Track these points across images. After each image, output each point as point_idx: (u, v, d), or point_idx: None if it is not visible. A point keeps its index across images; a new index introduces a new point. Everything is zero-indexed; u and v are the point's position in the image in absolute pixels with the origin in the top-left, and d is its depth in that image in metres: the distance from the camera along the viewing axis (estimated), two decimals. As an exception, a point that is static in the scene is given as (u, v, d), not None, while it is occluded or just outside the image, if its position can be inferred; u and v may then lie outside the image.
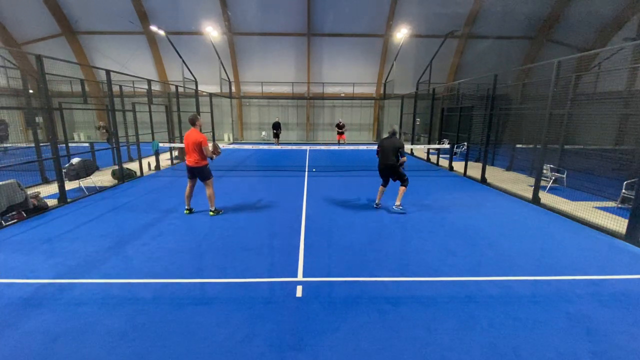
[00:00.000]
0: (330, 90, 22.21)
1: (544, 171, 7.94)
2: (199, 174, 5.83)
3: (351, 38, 20.07)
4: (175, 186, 8.51)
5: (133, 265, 4.03)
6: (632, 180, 6.42)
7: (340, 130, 18.00)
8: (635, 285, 3.66)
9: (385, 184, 6.44)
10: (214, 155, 5.88)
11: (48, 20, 18.51)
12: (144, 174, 10.04)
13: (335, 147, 13.77)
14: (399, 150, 6.08)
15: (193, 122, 5.68)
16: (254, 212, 6.23)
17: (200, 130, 5.76)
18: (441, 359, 2.55)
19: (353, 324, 2.95)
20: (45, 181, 8.34)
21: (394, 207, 6.24)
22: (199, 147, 5.62)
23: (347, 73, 21.50)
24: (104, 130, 13.89)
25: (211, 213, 6.02)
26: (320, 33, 19.85)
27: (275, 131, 18.45)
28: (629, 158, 8.22)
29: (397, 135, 6.24)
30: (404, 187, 6.19)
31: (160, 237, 4.96)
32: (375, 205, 6.51)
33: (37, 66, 6.05)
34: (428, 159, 13.59)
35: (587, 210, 6.23)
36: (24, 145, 10.68)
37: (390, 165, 6.13)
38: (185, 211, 6.09)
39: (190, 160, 5.72)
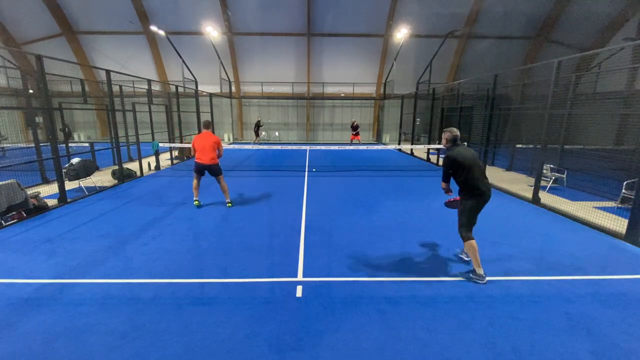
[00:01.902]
0: (330, 90, 22.21)
1: (544, 171, 7.93)
2: (213, 170, 6.34)
3: (351, 38, 20.07)
4: (175, 186, 8.50)
5: (133, 265, 4.03)
6: (632, 180, 6.42)
7: (355, 132, 18.33)
8: (635, 285, 3.66)
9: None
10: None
11: (48, 20, 18.51)
12: (144, 174, 10.04)
13: (336, 148, 13.79)
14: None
15: (208, 125, 6.38)
16: (253, 212, 6.22)
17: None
18: (441, 359, 2.55)
19: (353, 324, 2.95)
20: (45, 181, 8.34)
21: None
22: (217, 147, 6.27)
23: (347, 73, 21.49)
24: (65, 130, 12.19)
25: (229, 204, 6.51)
26: (320, 33, 19.85)
27: (256, 129, 19.11)
28: (629, 158, 8.22)
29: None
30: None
31: (160, 237, 4.96)
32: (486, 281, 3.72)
33: (37, 66, 6.05)
34: (428, 159, 13.59)
35: (587, 210, 6.23)
36: (24, 145, 10.68)
37: (490, 193, 3.74)
38: (194, 202, 6.54)
39: (206, 158, 6.20)
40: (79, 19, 18.96)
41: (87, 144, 16.46)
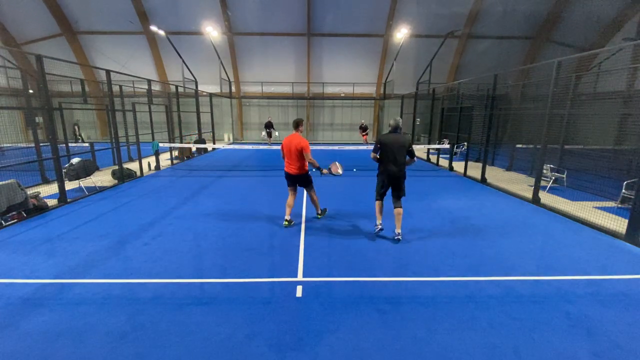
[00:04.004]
0: (330, 90, 22.20)
1: (544, 171, 7.93)
2: (300, 181, 5.38)
3: (351, 38, 20.06)
4: (175, 186, 8.51)
5: (133, 265, 4.03)
6: (632, 180, 6.42)
7: (364, 132, 19.48)
8: (635, 285, 3.66)
9: (382, 197, 4.95)
10: (323, 171, 5.30)
11: (48, 20, 18.50)
12: (144, 174, 10.04)
13: (335, 148, 13.79)
14: (408, 151, 4.64)
15: (296, 125, 5.21)
16: (254, 212, 6.22)
17: (302, 134, 5.20)
18: (441, 359, 2.55)
19: (353, 324, 2.95)
20: (45, 181, 8.34)
21: (397, 237, 4.80)
22: (301, 154, 5.07)
23: (347, 73, 21.49)
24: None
25: (318, 216, 5.81)
26: (320, 33, 19.84)
27: (268, 130, 18.69)
28: (629, 158, 8.22)
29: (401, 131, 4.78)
30: (401, 209, 4.80)
31: (160, 237, 4.96)
32: (378, 229, 4.94)
33: (37, 66, 6.05)
34: (428, 159, 13.59)
35: (587, 210, 6.23)
36: (24, 145, 10.68)
37: (395, 173, 4.65)
38: (284, 222, 5.37)
39: (292, 168, 5.20)
40: (79, 19, 18.95)
41: (87, 144, 16.45)
